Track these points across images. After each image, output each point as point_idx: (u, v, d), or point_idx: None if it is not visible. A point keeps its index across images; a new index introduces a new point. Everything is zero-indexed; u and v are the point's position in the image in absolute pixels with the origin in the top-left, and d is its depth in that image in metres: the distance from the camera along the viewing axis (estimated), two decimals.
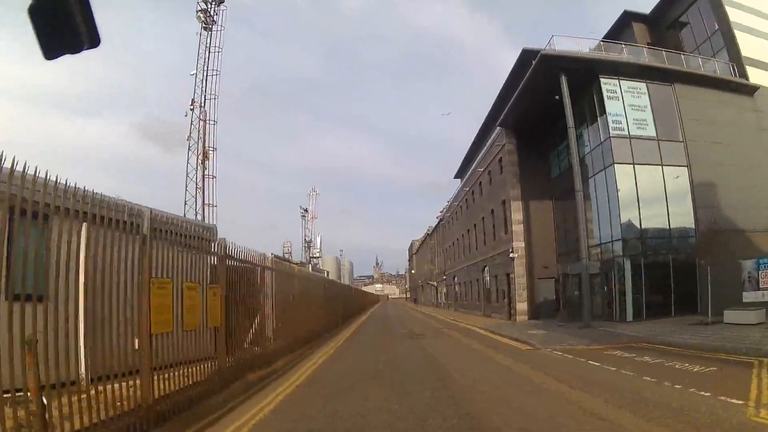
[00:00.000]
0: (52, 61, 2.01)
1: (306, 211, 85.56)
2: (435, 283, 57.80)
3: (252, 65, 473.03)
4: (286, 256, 57.70)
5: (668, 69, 19.53)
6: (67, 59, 2.14)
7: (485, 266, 28.67)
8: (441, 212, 53.02)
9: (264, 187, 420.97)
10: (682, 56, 21.05)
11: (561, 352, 11.18)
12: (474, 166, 31.83)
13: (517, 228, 22.27)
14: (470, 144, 39.16)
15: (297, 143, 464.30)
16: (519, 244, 22.13)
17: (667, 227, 18.02)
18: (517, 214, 22.32)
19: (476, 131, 38.20)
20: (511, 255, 22.10)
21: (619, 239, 17.34)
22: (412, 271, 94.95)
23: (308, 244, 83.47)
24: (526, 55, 23.59)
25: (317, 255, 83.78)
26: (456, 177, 47.70)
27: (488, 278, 27.88)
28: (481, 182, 29.19)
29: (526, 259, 22.05)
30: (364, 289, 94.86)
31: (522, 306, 21.76)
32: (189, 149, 32.27)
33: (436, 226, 56.15)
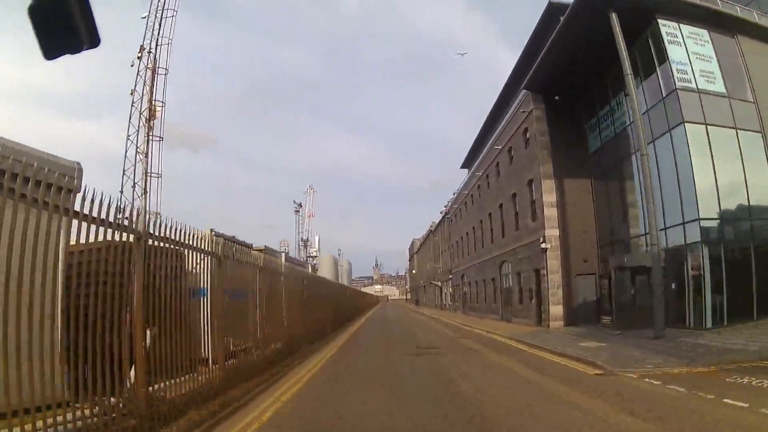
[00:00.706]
0: (52, 61, 1.99)
1: (300, 206, 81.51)
2: (439, 283, 53.73)
3: (252, 65, 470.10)
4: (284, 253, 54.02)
5: (734, 16, 16.06)
6: (66, 59, 2.22)
7: (504, 262, 24.42)
8: (446, 206, 48.85)
9: (263, 187, 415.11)
10: (738, 7, 17.37)
11: (656, 380, 7.39)
12: (489, 144, 27.27)
13: (550, 212, 17.96)
14: (479, 130, 35.40)
15: (297, 144, 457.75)
16: (552, 233, 17.85)
17: (746, 207, 14.20)
18: (549, 196, 18.01)
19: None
20: (542, 246, 17.78)
21: (694, 220, 13.23)
22: (413, 271, 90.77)
23: (304, 243, 79.57)
24: (553, 10, 19.97)
25: (315, 254, 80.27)
26: (463, 167, 43.65)
27: (509, 276, 23.64)
28: (498, 162, 24.75)
29: (561, 250, 17.85)
30: (363, 290, 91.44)
31: (556, 309, 17.56)
32: (132, 105, 27.62)
33: (441, 222, 51.93)
